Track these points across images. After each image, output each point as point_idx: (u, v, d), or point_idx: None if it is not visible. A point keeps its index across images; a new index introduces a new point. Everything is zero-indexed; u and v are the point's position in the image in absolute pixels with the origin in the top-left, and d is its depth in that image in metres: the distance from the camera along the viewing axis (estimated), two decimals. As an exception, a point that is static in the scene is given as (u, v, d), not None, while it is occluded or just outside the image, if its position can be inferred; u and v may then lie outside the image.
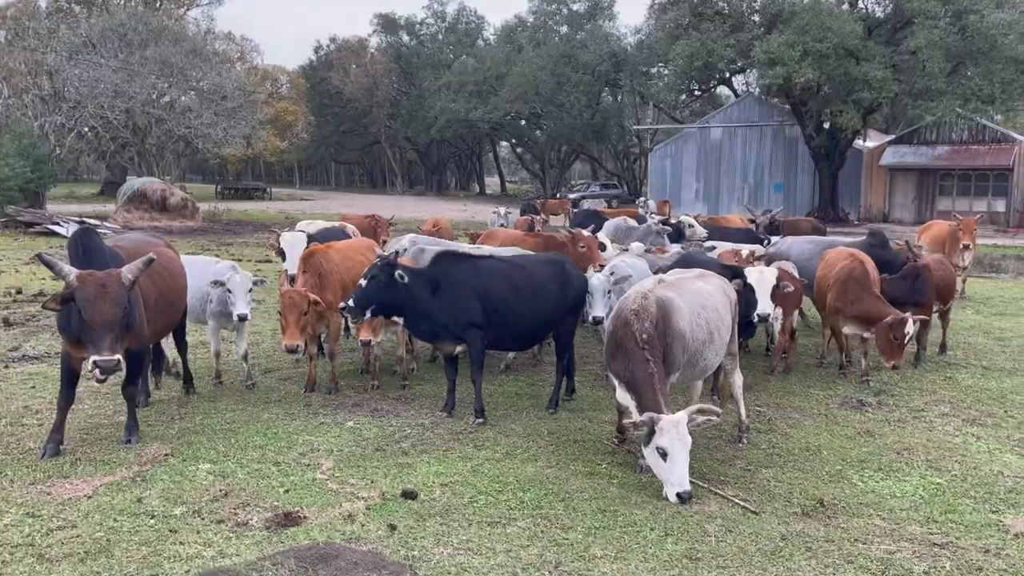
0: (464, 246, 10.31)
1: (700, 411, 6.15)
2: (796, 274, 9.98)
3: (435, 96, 59.19)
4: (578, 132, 56.46)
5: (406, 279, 7.31)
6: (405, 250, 9.63)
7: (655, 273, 9.80)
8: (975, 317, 14.10)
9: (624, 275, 8.66)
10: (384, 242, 16.63)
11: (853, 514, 5.93)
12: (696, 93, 45.27)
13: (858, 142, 40.06)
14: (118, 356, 6.05)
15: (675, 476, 5.95)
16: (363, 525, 5.53)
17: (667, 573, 5.02)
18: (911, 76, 32.71)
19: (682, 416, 5.98)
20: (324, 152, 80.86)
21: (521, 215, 22.89)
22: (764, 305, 7.85)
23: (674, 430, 5.90)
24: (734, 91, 49.31)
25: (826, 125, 37.90)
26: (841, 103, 33.56)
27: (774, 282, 7.91)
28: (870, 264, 9.35)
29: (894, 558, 5.22)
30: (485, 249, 9.31)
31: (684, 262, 9.17)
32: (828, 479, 6.62)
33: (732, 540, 5.47)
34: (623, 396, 6.56)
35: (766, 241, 14.16)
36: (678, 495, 5.91)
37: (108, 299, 6.01)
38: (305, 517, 5.62)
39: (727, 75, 43.08)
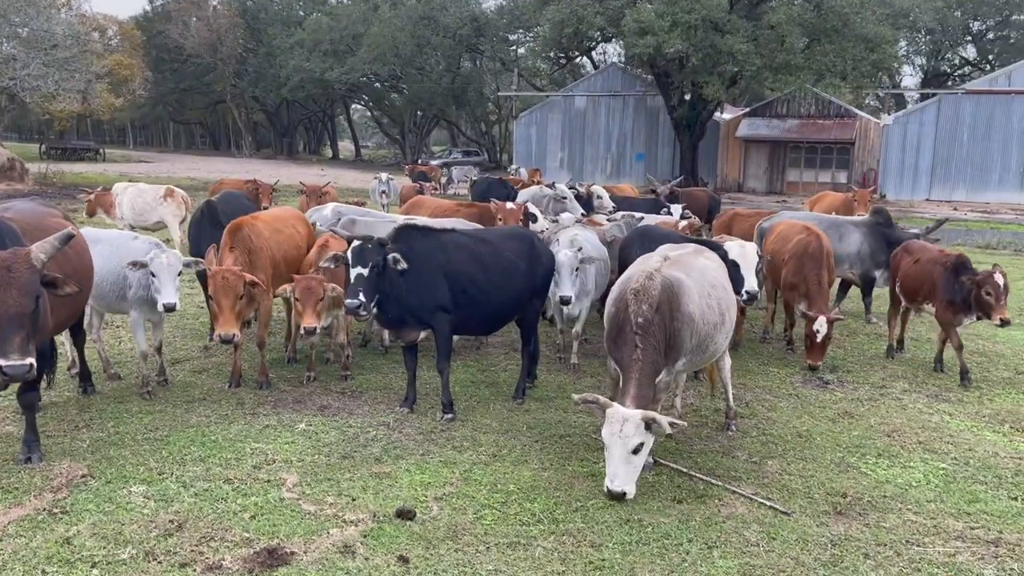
0: (398, 217, 9.24)
1: (655, 420, 5.41)
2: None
3: (287, 55, 56.01)
4: (439, 97, 55.11)
5: (402, 264, 6.29)
6: (338, 222, 8.52)
7: (605, 243, 9.25)
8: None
9: (590, 256, 7.97)
10: (266, 208, 15.19)
11: (883, 509, 5.55)
12: (562, 61, 45.04)
13: (716, 114, 41.14)
14: (30, 359, 4.75)
15: (609, 470, 5.34)
16: (367, 559, 4.60)
17: (736, 597, 4.41)
18: (772, 51, 33.66)
19: (634, 415, 5.30)
20: (161, 111, 75.22)
21: (413, 181, 21.72)
22: (752, 282, 7.37)
23: (618, 425, 5.25)
24: (593, 63, 49.49)
25: (687, 96, 38.58)
26: (707, 75, 34.14)
27: (756, 258, 7.45)
28: (826, 240, 9.09)
29: (958, 562, 4.85)
30: (446, 222, 8.29)
31: (644, 235, 8.57)
32: (835, 469, 6.23)
33: (781, 550, 4.95)
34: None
35: (664, 210, 13.90)
36: (607, 489, 5.28)
37: (15, 286, 4.70)
38: (292, 552, 4.61)
39: (594, 44, 43.07)
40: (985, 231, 25.12)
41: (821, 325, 8.33)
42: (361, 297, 6.14)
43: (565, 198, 14.13)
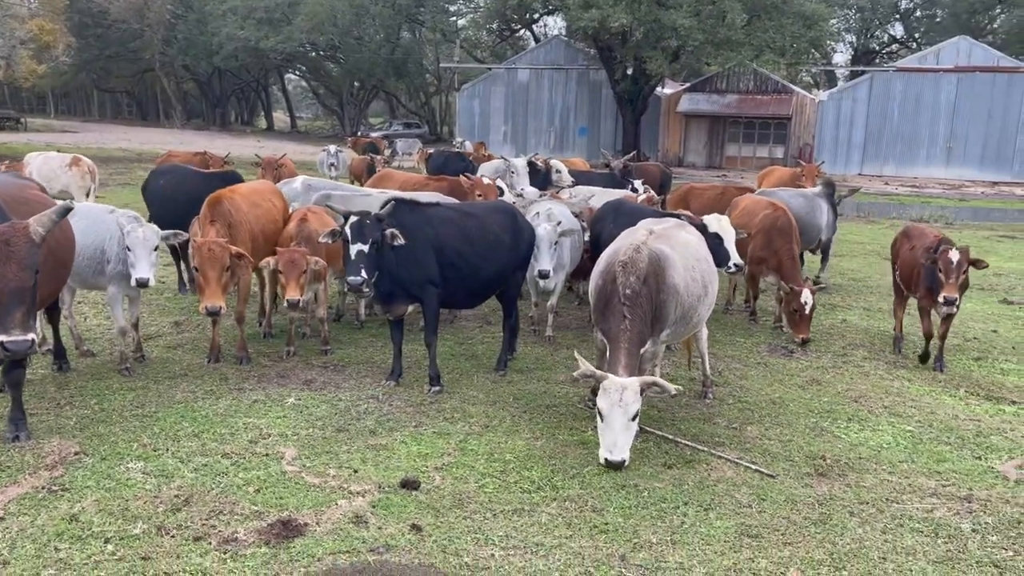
0: (372, 191, 9.19)
1: (655, 384, 5.59)
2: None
3: (219, 22, 54.37)
4: (378, 68, 54.32)
5: (399, 240, 6.28)
6: (324, 197, 8.45)
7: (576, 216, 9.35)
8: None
9: (571, 228, 8.08)
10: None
11: (861, 470, 5.84)
12: (505, 33, 44.82)
13: (657, 88, 41.54)
14: (31, 335, 4.67)
15: (606, 440, 5.49)
16: (381, 528, 4.67)
17: (737, 555, 4.63)
18: (713, 26, 34.10)
19: (632, 382, 5.48)
20: (85, 78, 72.27)
21: (363, 154, 21.45)
22: (736, 255, 7.58)
23: (616, 394, 5.41)
24: (535, 36, 49.37)
25: (630, 71, 38.83)
26: (651, 49, 34.42)
27: (733, 231, 7.66)
28: (791, 214, 9.37)
29: (936, 517, 5.16)
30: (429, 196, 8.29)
31: (616, 209, 8.72)
32: (810, 433, 6.52)
33: (772, 510, 5.19)
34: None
35: (629, 186, 14.08)
36: (605, 460, 5.44)
37: (14, 260, 4.61)
38: (305, 524, 4.66)
39: (537, 16, 42.97)
40: (915, 205, 26.07)
41: (807, 297, 8.47)
42: (363, 274, 6.14)
43: (515, 172, 14.14)
